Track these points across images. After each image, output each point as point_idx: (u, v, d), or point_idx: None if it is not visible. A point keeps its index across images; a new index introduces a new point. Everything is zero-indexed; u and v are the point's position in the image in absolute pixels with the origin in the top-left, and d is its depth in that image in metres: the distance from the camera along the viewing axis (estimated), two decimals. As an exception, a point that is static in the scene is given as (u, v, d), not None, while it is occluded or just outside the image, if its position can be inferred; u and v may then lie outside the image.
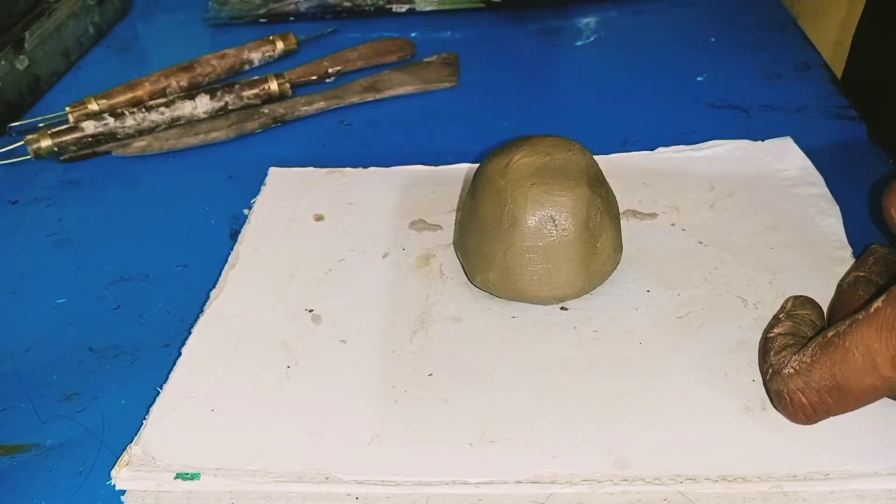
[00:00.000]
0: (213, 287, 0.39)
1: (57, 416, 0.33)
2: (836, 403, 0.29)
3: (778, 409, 0.31)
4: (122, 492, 0.30)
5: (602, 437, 0.30)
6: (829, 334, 0.29)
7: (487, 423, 0.31)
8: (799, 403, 0.29)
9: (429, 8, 0.66)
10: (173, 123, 0.52)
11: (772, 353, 0.31)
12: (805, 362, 0.29)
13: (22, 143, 0.50)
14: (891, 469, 0.28)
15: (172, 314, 0.38)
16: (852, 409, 0.29)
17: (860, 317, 0.28)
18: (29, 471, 0.31)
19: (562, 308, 0.36)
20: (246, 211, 0.44)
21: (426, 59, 0.58)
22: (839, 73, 0.58)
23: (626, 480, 0.29)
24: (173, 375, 0.34)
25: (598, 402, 0.32)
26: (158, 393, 0.33)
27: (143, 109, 0.52)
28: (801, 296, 0.34)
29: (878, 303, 0.28)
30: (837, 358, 0.28)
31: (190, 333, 0.36)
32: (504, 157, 0.35)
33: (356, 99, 0.54)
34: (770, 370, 0.31)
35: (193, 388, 0.33)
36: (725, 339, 0.34)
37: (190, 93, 0.53)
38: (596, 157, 0.36)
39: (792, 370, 0.30)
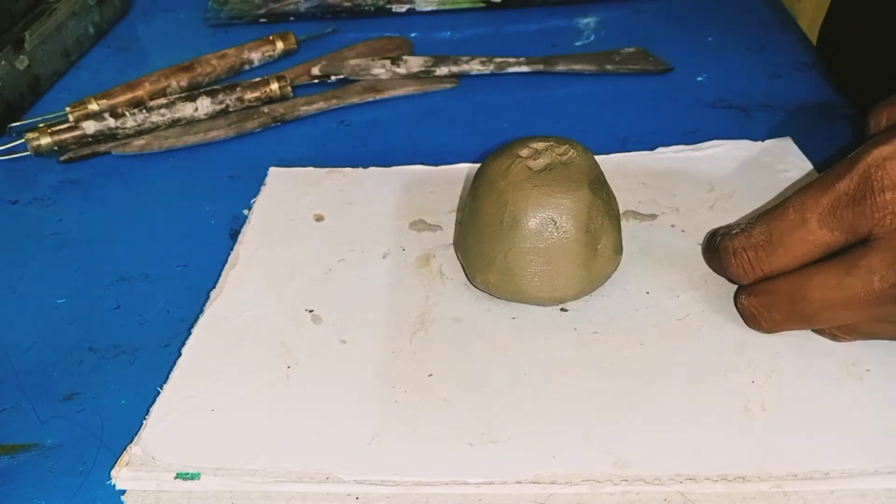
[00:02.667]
0: (213, 287, 0.39)
1: (57, 416, 0.33)
2: (768, 257, 0.32)
3: (723, 267, 0.35)
4: (122, 492, 0.30)
5: (602, 437, 0.30)
6: (775, 204, 0.33)
7: (487, 423, 0.31)
8: (740, 258, 0.33)
9: (429, 8, 0.66)
10: (174, 125, 0.52)
11: (722, 227, 0.36)
12: (749, 223, 0.33)
13: (22, 141, 0.50)
14: (891, 468, 0.28)
15: (172, 314, 0.38)
16: (782, 266, 0.32)
17: (803, 186, 0.32)
18: (29, 471, 0.31)
19: (562, 309, 0.36)
20: (246, 211, 0.44)
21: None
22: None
23: (626, 480, 0.29)
24: (173, 375, 0.34)
25: (598, 402, 0.32)
26: (158, 393, 0.33)
27: (144, 110, 0.52)
28: None
29: (823, 174, 0.32)
30: (776, 216, 0.32)
31: (190, 333, 0.36)
32: (505, 158, 0.35)
33: (356, 99, 0.54)
34: (719, 235, 0.35)
35: (193, 388, 0.33)
36: (725, 340, 0.34)
37: (191, 94, 0.53)
38: (596, 157, 0.36)
39: (738, 230, 0.34)
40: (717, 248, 0.35)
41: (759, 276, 0.33)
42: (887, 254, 0.29)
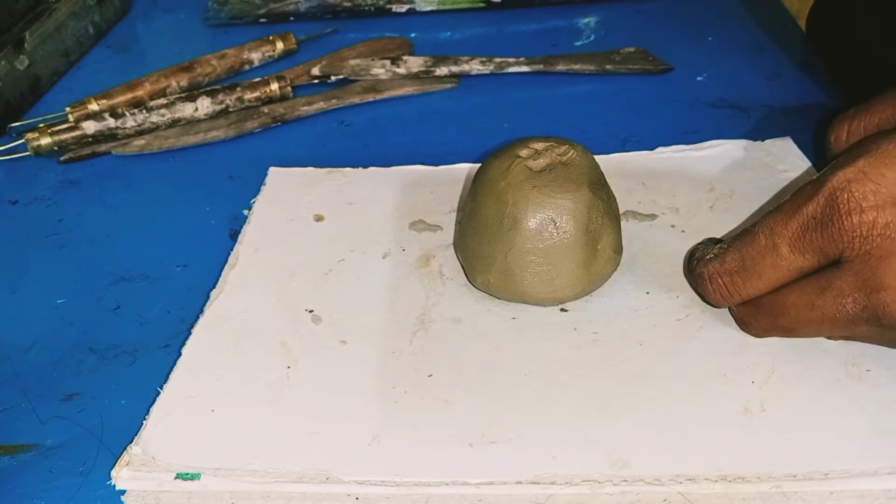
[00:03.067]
0: (213, 287, 0.39)
1: (57, 416, 0.33)
2: (743, 283, 0.32)
3: (699, 292, 0.35)
4: (122, 492, 0.30)
5: (602, 438, 0.30)
6: (745, 228, 0.33)
7: (487, 423, 0.31)
8: (716, 284, 0.33)
9: (429, 8, 0.66)
10: (174, 125, 0.52)
11: (699, 249, 0.35)
12: (722, 248, 0.34)
13: (22, 141, 0.50)
14: (890, 468, 0.28)
15: (172, 314, 0.38)
16: (758, 290, 0.32)
17: (771, 210, 0.32)
18: (29, 471, 0.31)
19: (562, 310, 0.36)
20: (246, 211, 0.44)
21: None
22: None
23: (626, 481, 0.29)
24: (173, 375, 0.34)
25: (598, 402, 0.32)
26: (158, 393, 0.33)
27: (144, 111, 0.52)
28: None
29: (786, 197, 0.32)
30: (747, 241, 0.32)
31: (190, 333, 0.36)
32: (505, 158, 0.35)
33: (356, 99, 0.54)
34: (694, 259, 0.35)
35: (193, 389, 0.33)
36: (725, 341, 0.34)
37: (191, 94, 0.53)
38: (596, 157, 0.36)
39: (711, 255, 0.34)
40: (693, 273, 0.35)
41: (738, 300, 0.33)
42: (858, 277, 0.29)
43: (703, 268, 0.34)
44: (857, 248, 0.29)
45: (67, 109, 0.53)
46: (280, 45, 0.60)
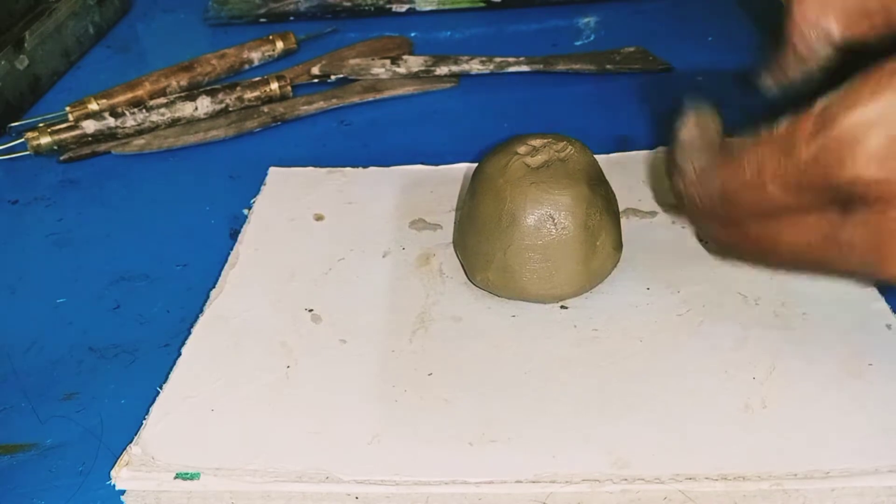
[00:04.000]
0: (213, 287, 0.39)
1: (57, 416, 0.33)
2: (724, 211, 0.30)
3: (682, 212, 0.33)
4: (122, 492, 0.30)
5: (602, 437, 0.30)
6: (733, 145, 0.29)
7: (487, 422, 0.31)
8: (697, 206, 0.31)
9: (429, 8, 0.66)
10: (174, 124, 0.52)
11: (677, 155, 0.32)
12: (704, 170, 0.30)
13: (22, 140, 0.50)
14: (891, 467, 0.28)
15: (172, 314, 0.38)
16: (741, 223, 0.29)
17: (763, 135, 0.27)
18: (29, 471, 0.31)
19: (562, 307, 0.36)
20: (246, 211, 0.44)
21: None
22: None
23: (626, 480, 0.29)
24: (173, 375, 0.34)
25: (598, 400, 0.32)
26: (158, 393, 0.33)
27: (144, 110, 0.52)
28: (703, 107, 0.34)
29: (782, 125, 0.27)
30: (730, 171, 0.29)
31: (190, 333, 0.36)
32: (503, 155, 0.35)
33: (356, 99, 0.54)
34: (675, 173, 0.32)
35: (193, 388, 0.33)
36: (726, 336, 0.34)
37: (191, 93, 0.53)
38: (596, 156, 0.36)
39: (693, 175, 0.31)
40: (674, 188, 0.32)
41: (722, 228, 0.31)
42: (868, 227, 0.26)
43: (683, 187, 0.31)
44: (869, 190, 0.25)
45: (67, 109, 0.53)
46: (280, 45, 0.60)
